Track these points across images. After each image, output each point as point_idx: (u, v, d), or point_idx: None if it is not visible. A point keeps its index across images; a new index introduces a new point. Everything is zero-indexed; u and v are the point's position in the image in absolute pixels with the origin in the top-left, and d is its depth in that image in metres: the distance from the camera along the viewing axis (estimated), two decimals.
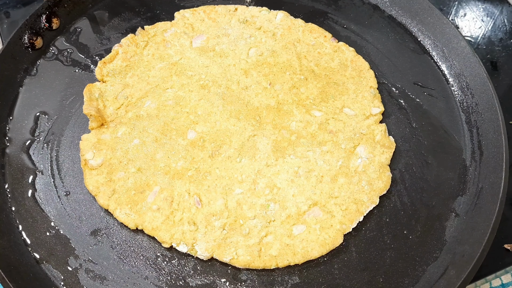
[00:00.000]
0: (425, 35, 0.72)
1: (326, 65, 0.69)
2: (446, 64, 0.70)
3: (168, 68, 0.68)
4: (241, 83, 0.67)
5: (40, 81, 0.68)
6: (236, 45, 0.70)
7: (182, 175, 0.59)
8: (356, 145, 0.62)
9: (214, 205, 0.58)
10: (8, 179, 0.61)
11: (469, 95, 0.66)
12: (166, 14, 0.75)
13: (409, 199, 0.61)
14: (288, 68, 0.68)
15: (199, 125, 0.63)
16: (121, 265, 0.56)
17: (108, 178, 0.59)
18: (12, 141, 0.63)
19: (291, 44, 0.70)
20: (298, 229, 0.57)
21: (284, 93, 0.66)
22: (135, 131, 0.62)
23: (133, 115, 0.64)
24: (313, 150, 0.62)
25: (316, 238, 0.56)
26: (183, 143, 0.62)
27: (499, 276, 0.63)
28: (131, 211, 0.57)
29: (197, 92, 0.66)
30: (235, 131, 0.63)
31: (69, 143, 0.63)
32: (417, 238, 0.58)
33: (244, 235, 0.56)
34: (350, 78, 0.68)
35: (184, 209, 0.57)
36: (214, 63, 0.68)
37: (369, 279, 0.56)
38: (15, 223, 0.58)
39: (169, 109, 0.64)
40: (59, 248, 0.57)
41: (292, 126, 0.64)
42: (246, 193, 0.59)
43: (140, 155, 0.61)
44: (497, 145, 0.60)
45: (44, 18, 0.69)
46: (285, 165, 0.61)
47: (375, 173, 0.61)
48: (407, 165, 0.63)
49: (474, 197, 0.60)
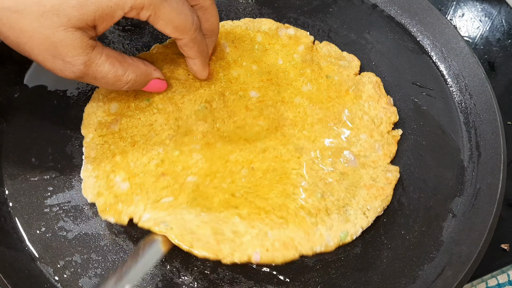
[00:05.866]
0: (424, 35, 0.72)
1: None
2: (445, 64, 0.70)
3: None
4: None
5: (38, 77, 0.67)
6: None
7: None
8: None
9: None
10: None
11: (467, 96, 0.67)
12: None
13: (406, 200, 0.61)
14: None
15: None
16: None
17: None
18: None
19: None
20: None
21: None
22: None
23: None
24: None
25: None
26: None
27: (495, 276, 0.63)
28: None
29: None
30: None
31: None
32: (414, 238, 0.58)
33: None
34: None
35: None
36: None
37: (365, 279, 0.56)
38: (12, 219, 0.58)
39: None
40: (55, 245, 0.56)
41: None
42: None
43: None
44: (495, 146, 0.61)
45: None
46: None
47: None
48: (405, 165, 0.63)
49: (472, 197, 0.60)
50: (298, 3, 0.76)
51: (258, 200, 0.56)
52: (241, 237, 0.53)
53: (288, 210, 0.55)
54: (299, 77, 0.65)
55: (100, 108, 0.62)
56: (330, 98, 0.64)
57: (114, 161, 0.58)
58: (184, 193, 0.56)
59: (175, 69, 0.64)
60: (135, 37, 0.72)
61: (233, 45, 0.67)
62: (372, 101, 0.64)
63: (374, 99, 0.65)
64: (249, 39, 0.68)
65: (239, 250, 0.52)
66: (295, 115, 0.63)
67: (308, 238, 0.54)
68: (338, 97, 0.64)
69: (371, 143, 0.61)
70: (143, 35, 0.72)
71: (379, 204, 0.58)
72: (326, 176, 0.59)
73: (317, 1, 0.76)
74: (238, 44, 0.67)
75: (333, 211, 0.56)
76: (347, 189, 0.58)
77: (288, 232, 0.54)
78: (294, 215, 0.55)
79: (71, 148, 0.63)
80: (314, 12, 0.75)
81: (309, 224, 0.55)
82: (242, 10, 0.75)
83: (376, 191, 0.59)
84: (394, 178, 0.60)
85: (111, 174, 0.57)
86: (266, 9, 0.75)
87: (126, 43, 0.71)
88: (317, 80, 0.66)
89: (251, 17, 0.74)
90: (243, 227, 0.53)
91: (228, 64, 0.66)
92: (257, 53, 0.67)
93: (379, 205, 0.58)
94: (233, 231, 0.53)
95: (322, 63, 0.67)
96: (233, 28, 0.69)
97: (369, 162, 0.60)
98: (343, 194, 0.58)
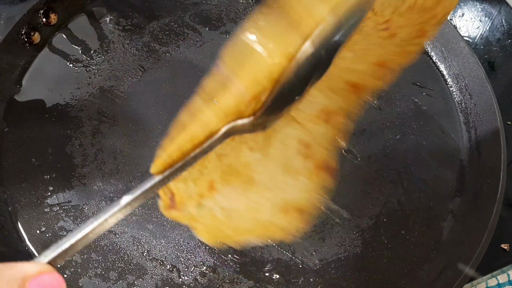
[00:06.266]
0: None
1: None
2: (445, 64, 0.70)
3: None
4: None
5: (38, 77, 0.67)
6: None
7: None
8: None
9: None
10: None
11: (467, 96, 0.67)
12: (165, 12, 0.74)
13: (406, 200, 0.61)
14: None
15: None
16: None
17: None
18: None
19: None
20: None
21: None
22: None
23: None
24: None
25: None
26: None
27: (495, 276, 0.63)
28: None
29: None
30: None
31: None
32: (414, 238, 0.58)
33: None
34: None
35: None
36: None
37: (366, 279, 0.56)
38: (12, 219, 0.58)
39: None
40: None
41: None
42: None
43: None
44: (495, 146, 0.60)
45: (42, 14, 0.69)
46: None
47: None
48: (405, 165, 0.63)
49: (472, 197, 0.60)
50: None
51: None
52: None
53: None
54: None
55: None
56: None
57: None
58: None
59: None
60: (135, 37, 0.72)
61: None
62: None
63: None
64: None
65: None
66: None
67: None
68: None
69: None
70: (143, 35, 0.72)
71: None
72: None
73: None
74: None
75: None
76: None
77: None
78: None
79: (71, 148, 0.63)
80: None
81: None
82: (242, 10, 0.75)
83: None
84: None
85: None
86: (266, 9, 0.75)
87: (126, 43, 0.71)
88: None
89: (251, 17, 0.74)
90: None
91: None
92: None
93: None
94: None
95: None
96: None
97: None
98: None
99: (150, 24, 0.73)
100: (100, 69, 0.69)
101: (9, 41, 0.66)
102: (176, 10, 0.74)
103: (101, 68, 0.69)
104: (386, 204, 0.60)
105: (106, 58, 0.70)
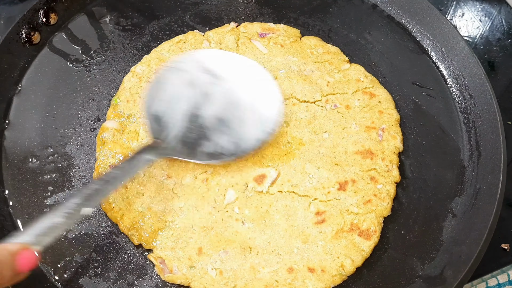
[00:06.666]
0: (424, 35, 0.72)
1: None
2: (445, 64, 0.70)
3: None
4: None
5: (38, 77, 0.67)
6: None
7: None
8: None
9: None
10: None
11: (467, 96, 0.67)
12: (165, 12, 0.74)
13: (407, 199, 0.61)
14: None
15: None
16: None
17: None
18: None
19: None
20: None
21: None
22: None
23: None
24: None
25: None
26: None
27: (495, 276, 0.63)
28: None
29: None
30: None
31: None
32: (415, 238, 0.58)
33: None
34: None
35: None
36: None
37: (366, 279, 0.56)
38: (12, 219, 0.58)
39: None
40: (55, 245, 0.56)
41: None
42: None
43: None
44: (495, 146, 0.60)
45: (42, 13, 0.69)
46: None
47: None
48: (405, 165, 0.63)
49: (472, 197, 0.60)
50: (298, 3, 0.76)
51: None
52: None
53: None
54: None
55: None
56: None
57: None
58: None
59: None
60: (135, 37, 0.72)
61: None
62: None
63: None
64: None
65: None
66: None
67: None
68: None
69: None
70: (143, 35, 0.72)
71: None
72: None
73: (317, 1, 0.76)
74: None
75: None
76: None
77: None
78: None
79: (71, 148, 0.63)
80: (314, 12, 0.75)
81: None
82: (242, 10, 0.75)
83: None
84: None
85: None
86: (266, 9, 0.75)
87: (126, 43, 0.71)
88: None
89: (251, 17, 0.74)
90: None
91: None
92: None
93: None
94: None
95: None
96: None
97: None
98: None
99: (150, 24, 0.73)
100: (100, 69, 0.69)
101: (9, 41, 0.66)
102: (176, 10, 0.74)
103: (101, 68, 0.69)
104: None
105: (106, 58, 0.70)
